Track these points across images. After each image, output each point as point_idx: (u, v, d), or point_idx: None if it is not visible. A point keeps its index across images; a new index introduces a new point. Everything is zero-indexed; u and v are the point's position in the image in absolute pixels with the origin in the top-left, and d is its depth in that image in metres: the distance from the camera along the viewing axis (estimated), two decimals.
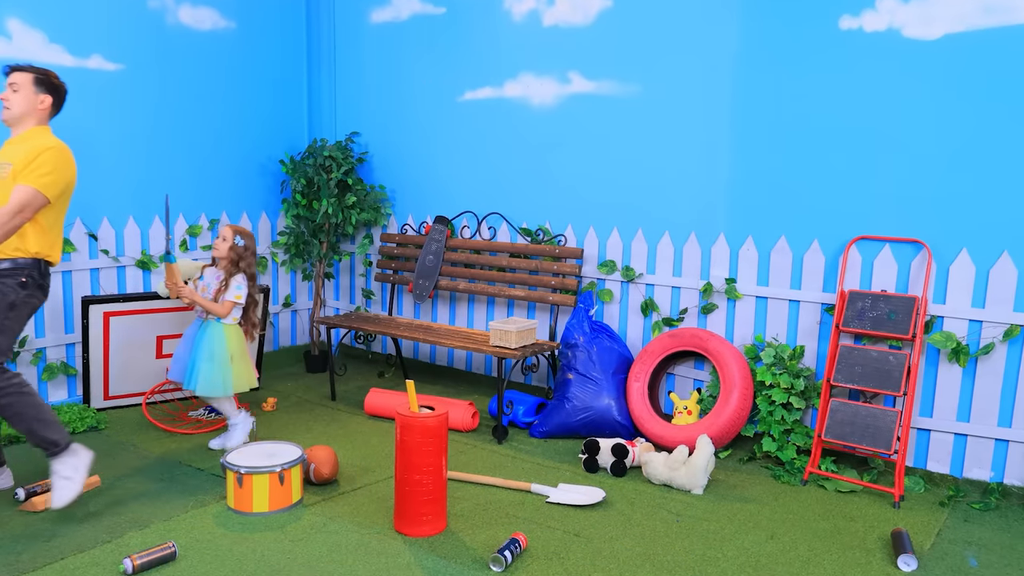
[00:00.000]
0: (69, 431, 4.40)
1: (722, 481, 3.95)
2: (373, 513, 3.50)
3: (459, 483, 3.83)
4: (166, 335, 4.92)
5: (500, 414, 4.41)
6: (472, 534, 3.31)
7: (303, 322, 6.22)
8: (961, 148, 3.75)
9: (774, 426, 4.12)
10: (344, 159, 5.59)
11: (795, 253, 4.23)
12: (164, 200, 3.97)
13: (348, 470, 3.99)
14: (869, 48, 3.92)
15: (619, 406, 4.43)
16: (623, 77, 4.67)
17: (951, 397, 3.86)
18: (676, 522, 3.48)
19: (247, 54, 5.63)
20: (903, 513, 3.63)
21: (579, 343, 4.57)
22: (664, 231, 4.63)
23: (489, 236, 5.29)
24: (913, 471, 3.96)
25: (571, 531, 3.36)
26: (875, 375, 3.84)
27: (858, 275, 4.06)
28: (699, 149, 4.46)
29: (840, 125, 4.03)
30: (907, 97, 3.85)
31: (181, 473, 3.92)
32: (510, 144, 5.16)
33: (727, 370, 4.17)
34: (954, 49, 3.72)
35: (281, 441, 3.83)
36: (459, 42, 5.32)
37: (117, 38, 4.92)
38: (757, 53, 4.22)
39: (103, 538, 3.22)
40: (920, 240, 3.87)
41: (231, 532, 3.30)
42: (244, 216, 5.70)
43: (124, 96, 4.99)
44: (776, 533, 3.39)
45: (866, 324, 3.91)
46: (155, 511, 3.48)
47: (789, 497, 3.77)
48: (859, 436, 3.81)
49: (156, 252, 5.18)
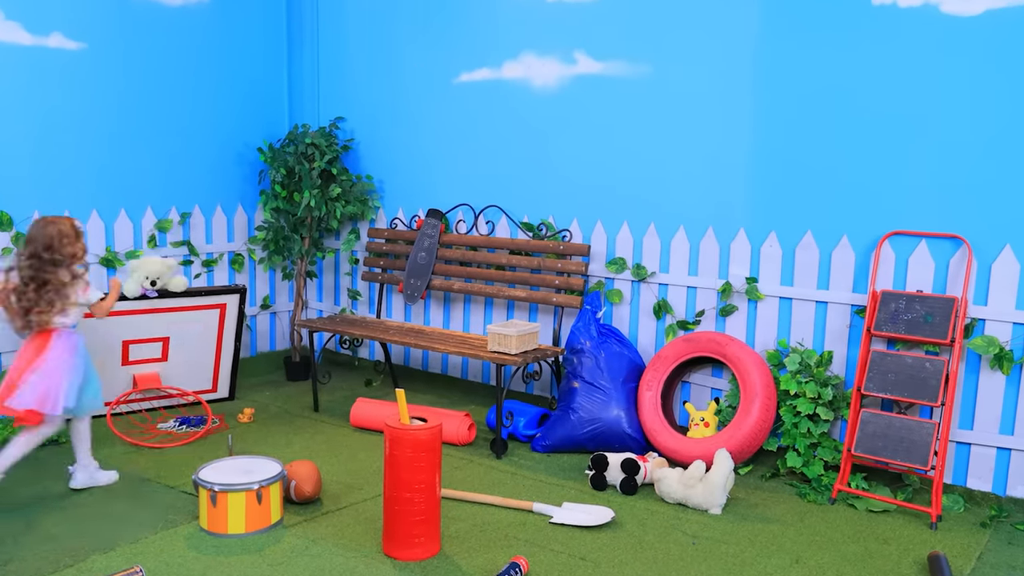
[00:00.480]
0: None
1: (742, 500, 3.94)
2: (360, 535, 3.50)
3: (454, 502, 3.83)
4: (133, 339, 4.92)
5: (499, 426, 4.41)
6: (468, 558, 3.31)
7: (283, 326, 6.22)
8: (1004, 135, 3.75)
9: (799, 439, 4.12)
10: (328, 147, 5.59)
11: (822, 250, 4.23)
12: (228, 441, 4.06)
13: (332, 488, 3.99)
14: (904, 25, 3.92)
15: (629, 417, 4.43)
16: (633, 57, 4.67)
17: (993, 408, 3.86)
18: (692, 544, 3.48)
19: (222, 31, 5.62)
20: (941, 535, 3.62)
21: (585, 348, 4.57)
22: (679, 226, 4.63)
23: (487, 231, 5.29)
24: (952, 489, 3.96)
25: (576, 555, 3.36)
26: (910, 383, 3.84)
27: (891, 274, 4.06)
28: (717, 136, 4.45)
29: (872, 109, 4.03)
30: (945, 79, 3.85)
31: (149, 490, 3.92)
32: (510, 131, 5.16)
33: (748, 378, 4.17)
34: (996, 26, 3.71)
35: (259, 456, 3.83)
36: (454, 18, 5.32)
37: (79, 14, 4.91)
38: (781, 30, 4.22)
39: (65, 562, 3.22)
40: (959, 236, 3.87)
41: (204, 555, 3.30)
42: (218, 209, 5.71)
43: (87, 77, 4.98)
44: (801, 557, 3.39)
45: (900, 328, 3.91)
46: (121, 532, 3.48)
47: (816, 517, 3.77)
48: (892, 450, 3.81)
49: (121, 250, 5.19)
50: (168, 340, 5.04)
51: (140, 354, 4.97)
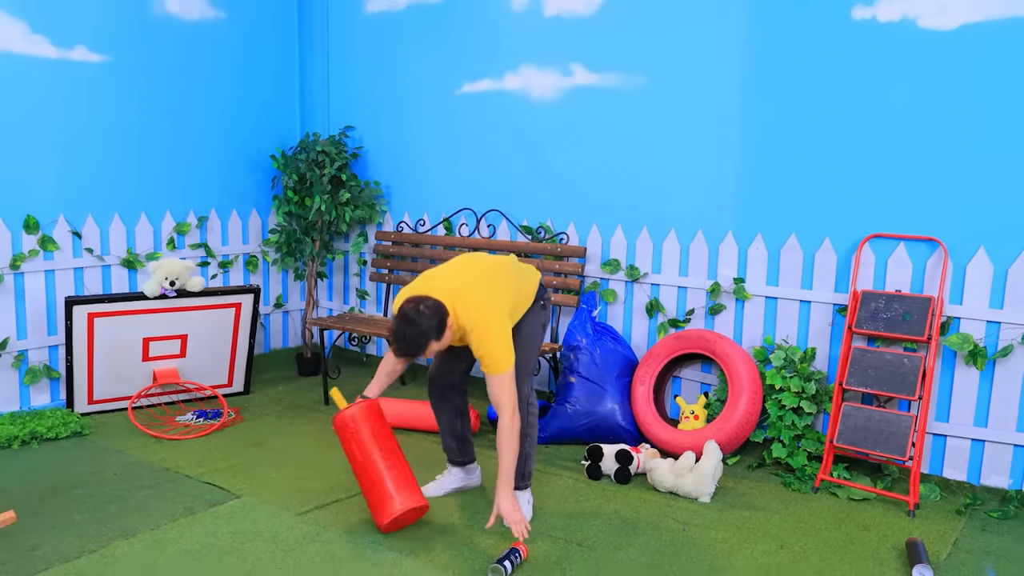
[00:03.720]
0: (51, 436, 4.41)
1: (730, 488, 3.95)
2: (368, 522, 3.51)
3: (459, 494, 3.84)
4: (153, 337, 4.93)
5: None
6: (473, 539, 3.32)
7: (295, 324, 6.22)
8: (978, 143, 3.75)
9: (784, 431, 4.12)
10: (338, 154, 5.60)
11: (806, 252, 4.24)
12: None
13: (341, 477, 4.00)
14: (883, 39, 3.92)
15: (623, 410, 4.44)
16: (627, 69, 4.68)
17: (968, 401, 3.87)
18: (682, 531, 3.49)
19: (237, 45, 5.63)
20: (918, 522, 3.63)
21: (582, 345, 4.57)
22: (670, 229, 4.63)
23: (488, 234, 5.30)
24: (929, 478, 3.97)
25: (573, 540, 3.37)
26: (889, 378, 3.84)
27: (871, 275, 4.06)
28: (706, 144, 4.46)
29: (853, 119, 4.04)
30: (923, 90, 3.86)
31: (168, 480, 3.93)
32: (510, 139, 5.17)
33: (735, 373, 4.18)
34: (971, 40, 3.72)
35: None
36: (457, 33, 5.32)
37: (102, 28, 4.92)
38: (767, 44, 4.23)
39: (89, 547, 3.23)
40: (936, 238, 3.87)
41: (220, 542, 3.31)
42: (234, 213, 5.71)
43: (109, 88, 4.99)
44: (786, 543, 3.40)
45: (880, 325, 3.92)
46: (142, 520, 3.49)
47: (800, 505, 3.78)
48: (872, 442, 3.82)
49: (142, 252, 5.20)
50: (186, 337, 5.05)
51: (159, 350, 4.98)
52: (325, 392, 5.20)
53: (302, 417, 4.93)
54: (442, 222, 5.47)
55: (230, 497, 3.75)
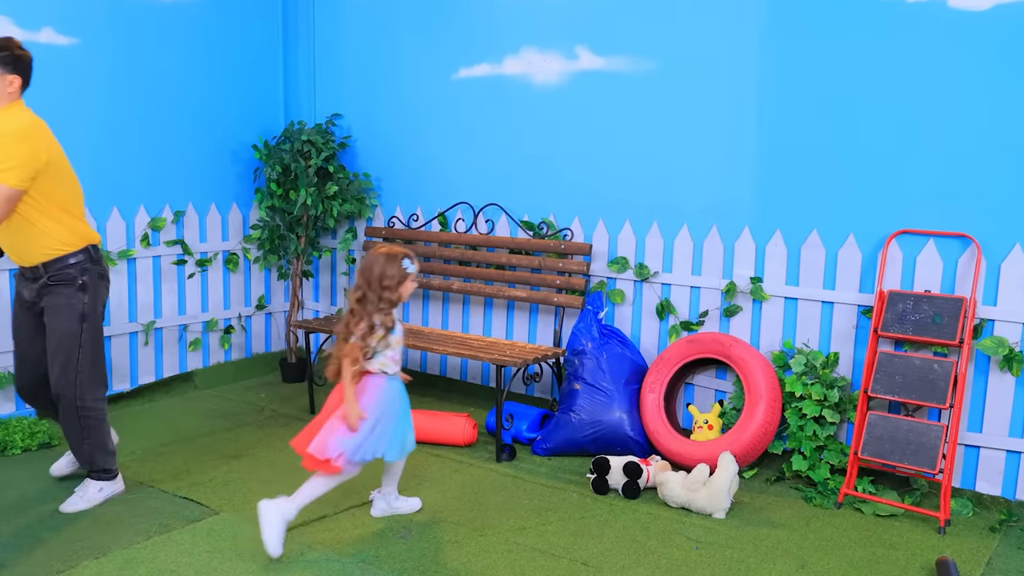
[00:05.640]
0: (17, 449, 4.40)
1: (747, 504, 3.94)
2: (356, 540, 3.50)
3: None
4: None
5: (499, 429, 4.41)
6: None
7: (278, 326, 6.22)
8: (1013, 132, 3.74)
9: (805, 442, 4.11)
10: (324, 144, 5.59)
11: (828, 249, 4.23)
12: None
13: (327, 493, 3.98)
14: (911, 20, 3.91)
15: (632, 420, 4.43)
16: (637, 53, 4.67)
17: (1003, 410, 3.86)
18: (695, 550, 3.48)
19: (216, 26, 5.62)
20: (949, 539, 3.62)
21: (587, 349, 4.56)
22: (682, 224, 4.63)
23: (486, 230, 5.29)
24: (960, 492, 3.96)
25: (578, 559, 3.36)
26: (918, 385, 3.84)
27: (899, 274, 4.06)
28: (721, 133, 4.45)
29: (879, 106, 4.03)
30: (954, 75, 3.85)
31: (143, 495, 3.92)
32: (510, 128, 5.16)
33: (752, 380, 4.17)
34: (1005, 20, 3.71)
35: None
36: (453, 13, 5.32)
37: (71, 9, 4.90)
38: (787, 26, 4.22)
39: (56, 567, 3.22)
40: (968, 235, 3.87)
41: (197, 561, 3.30)
42: (213, 207, 5.70)
43: (78, 73, 4.98)
44: (807, 562, 3.39)
45: (908, 328, 3.91)
46: (114, 538, 3.48)
47: (822, 522, 3.77)
48: (900, 454, 3.81)
49: (114, 248, 5.18)
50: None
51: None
52: (311, 400, 5.19)
53: (286, 427, 4.92)
54: (437, 217, 5.46)
55: (209, 513, 3.74)
